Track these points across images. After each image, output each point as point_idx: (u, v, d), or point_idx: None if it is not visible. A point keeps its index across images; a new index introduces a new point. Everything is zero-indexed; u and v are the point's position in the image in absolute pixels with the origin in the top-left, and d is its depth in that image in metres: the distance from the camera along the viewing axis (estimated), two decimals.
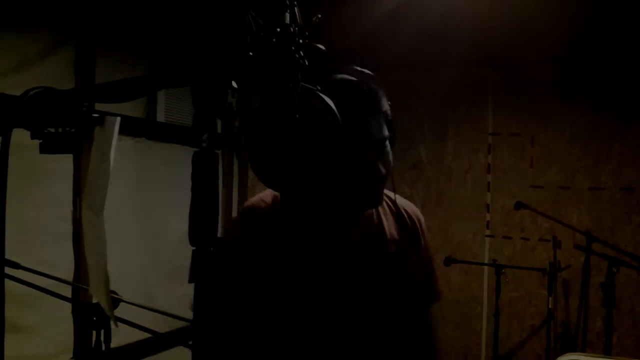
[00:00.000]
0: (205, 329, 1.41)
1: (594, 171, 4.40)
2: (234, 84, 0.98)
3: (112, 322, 1.90)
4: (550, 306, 3.89)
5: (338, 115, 1.05)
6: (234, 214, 3.65)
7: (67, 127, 1.18)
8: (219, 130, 3.54)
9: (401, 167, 4.85)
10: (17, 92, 1.12)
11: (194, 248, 0.95)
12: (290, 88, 0.97)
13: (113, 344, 2.22)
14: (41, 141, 1.17)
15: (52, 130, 1.18)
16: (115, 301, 2.26)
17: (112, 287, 2.14)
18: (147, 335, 2.71)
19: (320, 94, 1.06)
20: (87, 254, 1.29)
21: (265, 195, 1.61)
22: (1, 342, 1.10)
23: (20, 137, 1.11)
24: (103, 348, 2.30)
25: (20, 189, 2.34)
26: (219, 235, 1.03)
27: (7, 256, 1.18)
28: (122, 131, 1.20)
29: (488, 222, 4.71)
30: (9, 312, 2.24)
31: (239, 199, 3.66)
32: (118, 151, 1.21)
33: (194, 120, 0.96)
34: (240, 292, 1.49)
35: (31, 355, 2.37)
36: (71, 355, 2.55)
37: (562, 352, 4.00)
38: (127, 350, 2.71)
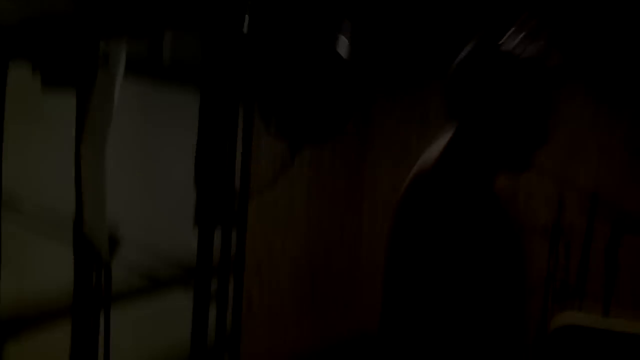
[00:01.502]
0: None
1: (603, 133, 4.33)
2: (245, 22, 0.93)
3: (109, 263, 1.89)
4: (550, 268, 3.89)
5: (347, 58, 1.01)
6: (237, 162, 3.58)
7: (69, 61, 1.14)
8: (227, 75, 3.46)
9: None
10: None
11: (199, 193, 0.92)
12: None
13: (113, 287, 2.22)
14: (42, 74, 1.12)
15: (54, 64, 1.13)
16: (116, 245, 2.25)
17: (114, 232, 2.13)
18: (147, 280, 2.71)
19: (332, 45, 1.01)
20: (84, 195, 1.26)
21: (436, 156, 1.52)
22: None
23: (23, 77, 1.06)
24: (103, 290, 2.29)
25: (23, 129, 2.30)
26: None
27: (8, 196, 1.15)
28: (126, 71, 1.15)
29: None
30: (9, 251, 2.23)
31: (242, 149, 3.56)
32: (121, 92, 1.16)
33: (203, 57, 0.91)
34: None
35: (31, 295, 2.37)
36: (71, 296, 2.55)
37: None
38: (127, 293, 2.70)
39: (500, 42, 1.48)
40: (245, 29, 0.97)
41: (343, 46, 1.01)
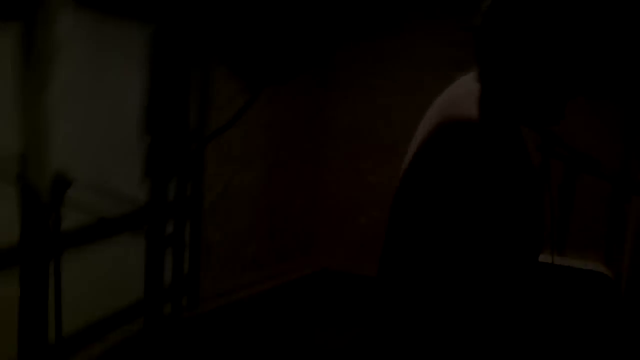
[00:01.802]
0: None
1: None
2: None
3: (58, 205, 1.82)
4: None
5: None
6: (192, 104, 3.29)
7: None
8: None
9: None
10: None
11: (150, 139, 0.85)
12: None
13: (63, 227, 2.13)
14: None
15: None
16: (66, 184, 2.16)
17: (64, 169, 2.04)
18: (98, 222, 2.62)
19: None
20: (28, 131, 1.18)
21: (467, 104, 1.35)
22: None
23: None
24: (53, 231, 2.21)
25: None
26: None
27: None
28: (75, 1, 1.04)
29: None
30: None
31: (200, 91, 3.26)
32: (70, 23, 1.06)
33: None
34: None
35: None
36: (17, 238, 2.45)
37: None
38: (77, 233, 2.62)
39: None
40: None
41: None
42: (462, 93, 1.42)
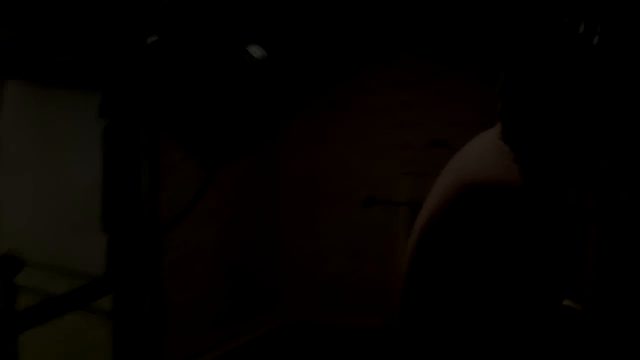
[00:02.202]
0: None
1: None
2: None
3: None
4: None
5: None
6: (146, 201, 3.19)
7: None
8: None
9: None
10: None
11: (109, 236, 0.81)
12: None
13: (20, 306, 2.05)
14: None
15: None
16: (19, 264, 2.08)
17: (18, 248, 1.97)
18: (54, 300, 2.51)
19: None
20: None
21: (507, 166, 1.31)
22: None
23: None
24: (9, 311, 2.12)
25: None
26: None
27: None
28: (14, 75, 1.01)
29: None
30: None
31: (149, 182, 3.14)
32: (12, 101, 1.02)
33: (105, 77, 0.80)
34: None
35: None
36: None
37: None
38: (34, 311, 2.50)
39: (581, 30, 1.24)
40: (150, 42, 0.87)
41: (254, 57, 0.93)
42: (486, 150, 1.39)
